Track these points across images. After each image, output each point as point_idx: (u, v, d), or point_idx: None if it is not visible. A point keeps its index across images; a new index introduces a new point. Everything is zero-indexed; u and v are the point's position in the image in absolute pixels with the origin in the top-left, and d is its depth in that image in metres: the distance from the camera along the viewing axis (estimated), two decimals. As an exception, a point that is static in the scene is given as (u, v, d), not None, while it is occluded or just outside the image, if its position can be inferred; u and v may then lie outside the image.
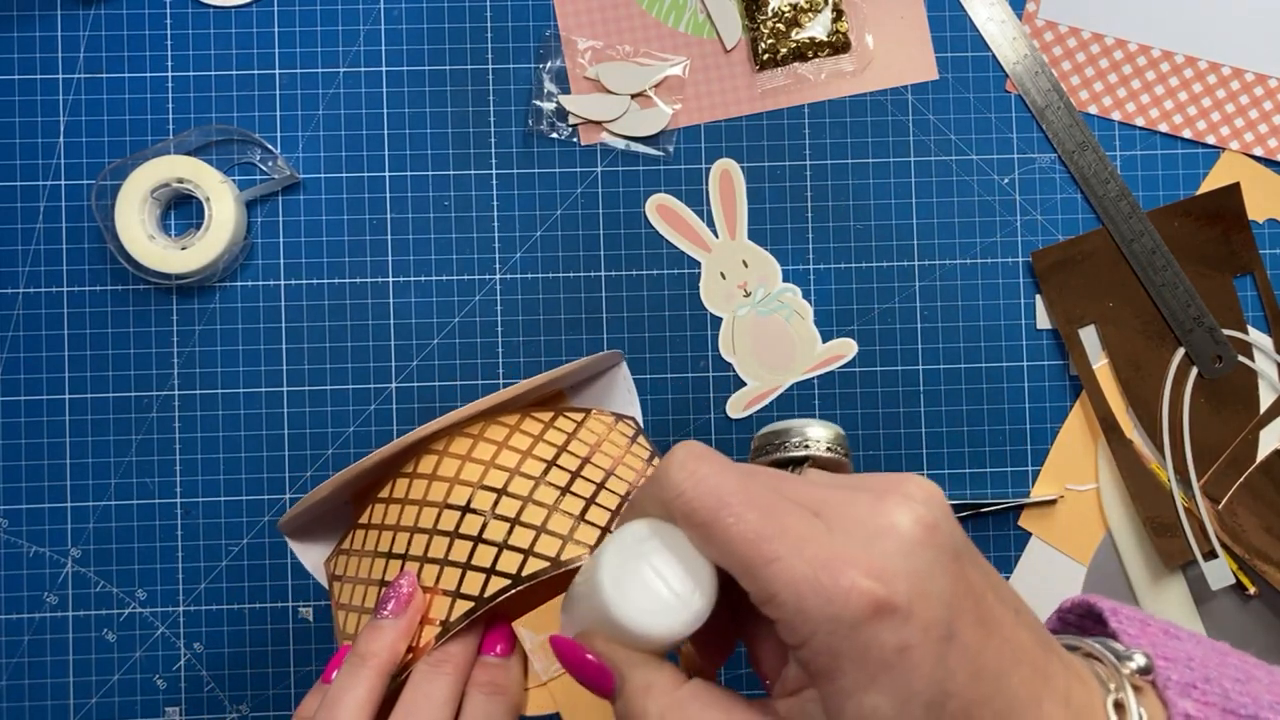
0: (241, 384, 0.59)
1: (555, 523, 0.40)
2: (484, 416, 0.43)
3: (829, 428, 0.34)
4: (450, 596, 0.39)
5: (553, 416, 0.44)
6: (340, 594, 0.43)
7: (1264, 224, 0.61)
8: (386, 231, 0.59)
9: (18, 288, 0.58)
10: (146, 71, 0.59)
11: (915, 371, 0.60)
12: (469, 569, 0.39)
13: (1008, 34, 0.61)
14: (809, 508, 0.28)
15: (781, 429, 0.34)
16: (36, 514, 0.58)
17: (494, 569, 0.39)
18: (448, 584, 0.39)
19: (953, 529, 0.28)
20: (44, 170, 0.59)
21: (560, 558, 0.39)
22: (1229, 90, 0.61)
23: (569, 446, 0.42)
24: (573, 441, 0.43)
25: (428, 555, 0.40)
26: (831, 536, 0.27)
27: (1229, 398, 0.60)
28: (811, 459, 0.33)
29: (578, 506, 0.40)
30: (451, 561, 0.39)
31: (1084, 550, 0.60)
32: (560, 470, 0.41)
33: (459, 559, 0.39)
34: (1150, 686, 0.30)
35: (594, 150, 0.60)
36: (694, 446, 0.30)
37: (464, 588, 0.39)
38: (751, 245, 0.60)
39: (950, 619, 0.26)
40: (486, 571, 0.39)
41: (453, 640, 0.39)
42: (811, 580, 0.26)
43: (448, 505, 0.40)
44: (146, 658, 0.58)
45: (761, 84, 0.60)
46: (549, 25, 0.60)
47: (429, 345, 0.59)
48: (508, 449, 0.42)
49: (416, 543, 0.40)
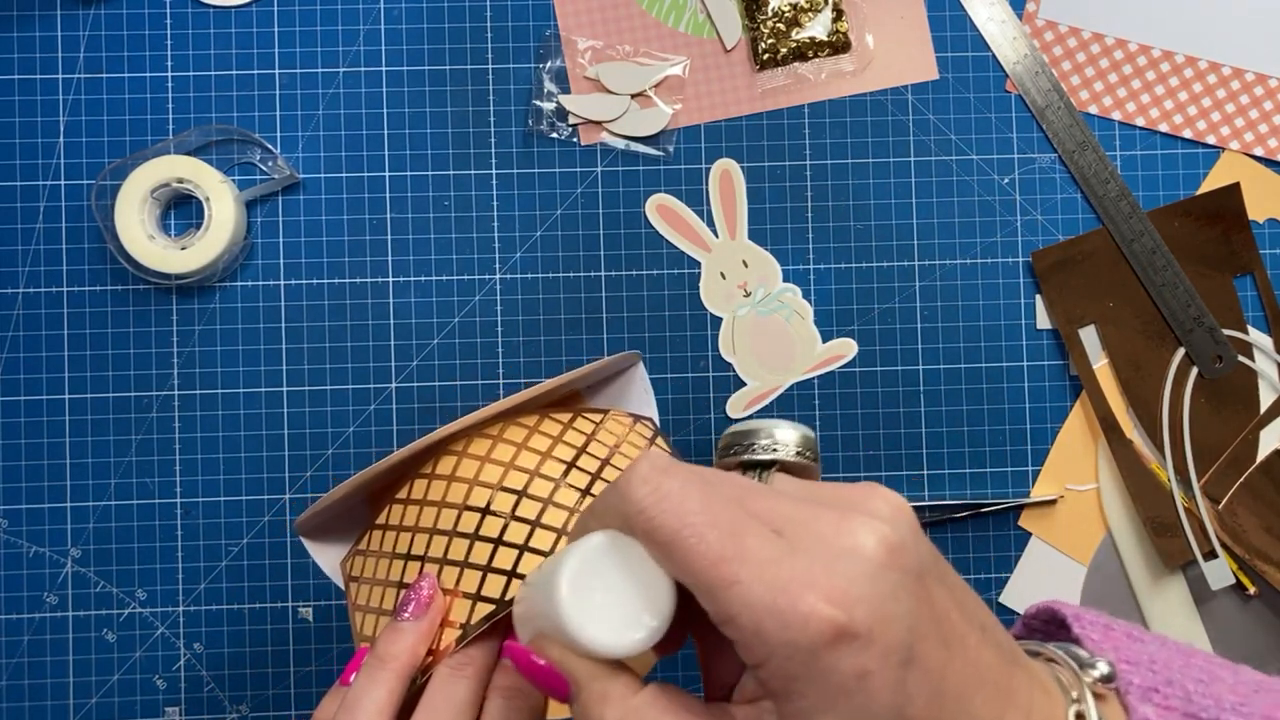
0: (241, 384, 0.59)
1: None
2: (503, 417, 0.43)
3: (798, 429, 0.33)
4: (471, 599, 0.39)
5: (571, 417, 0.44)
6: (357, 595, 0.43)
7: (1264, 224, 0.61)
8: (386, 231, 0.59)
9: (18, 288, 0.58)
10: (146, 71, 0.59)
11: (915, 371, 0.60)
12: (489, 571, 0.39)
13: (1008, 34, 0.61)
14: (773, 524, 0.28)
15: (749, 429, 0.33)
16: (36, 514, 0.58)
17: (514, 572, 0.39)
18: (468, 587, 0.39)
19: (918, 546, 0.28)
20: (44, 170, 0.59)
21: None
22: (1229, 90, 0.61)
23: (588, 448, 0.42)
24: (592, 443, 0.43)
25: (447, 557, 0.40)
26: (794, 558, 0.27)
27: (1229, 398, 0.60)
28: (779, 464, 0.32)
29: None
30: (472, 564, 0.39)
31: (1084, 550, 0.60)
32: (580, 472, 0.41)
33: (479, 561, 0.39)
34: (1114, 693, 0.30)
35: (594, 150, 0.60)
36: (657, 459, 0.29)
37: (485, 590, 0.39)
38: (751, 245, 0.60)
39: (912, 642, 0.26)
40: (507, 574, 0.39)
41: (473, 644, 0.39)
42: (770, 605, 0.26)
43: (467, 507, 0.40)
44: (146, 658, 0.58)
45: (761, 84, 0.60)
46: (549, 25, 0.60)
47: (429, 345, 0.59)
48: (527, 450, 0.42)
49: (436, 544, 0.40)
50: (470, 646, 0.38)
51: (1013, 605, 0.59)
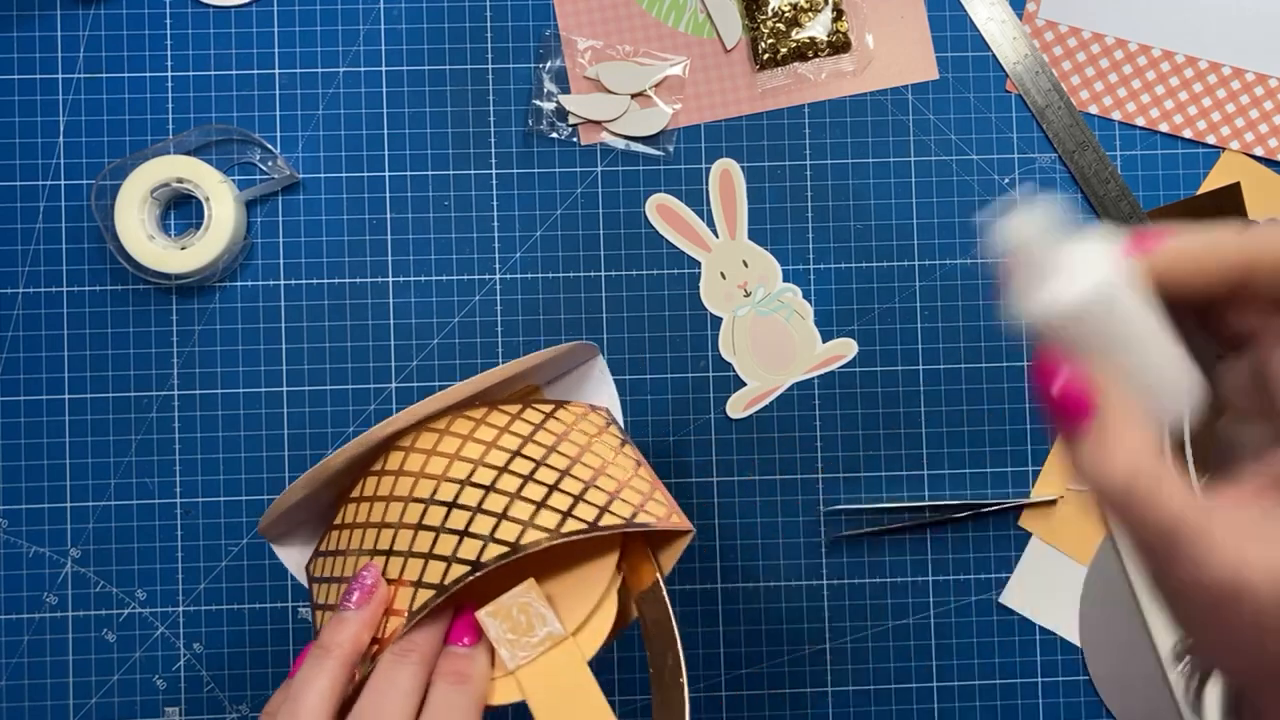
0: (241, 384, 0.59)
1: (516, 509, 0.40)
2: (450, 411, 0.43)
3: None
4: (414, 586, 0.39)
5: (520, 409, 0.44)
6: (319, 595, 0.43)
7: (1264, 224, 0.61)
8: (386, 231, 0.59)
9: (18, 288, 0.58)
10: (146, 71, 0.59)
11: (915, 371, 0.60)
12: (431, 558, 0.39)
13: (1008, 34, 0.61)
14: None
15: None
16: (36, 514, 0.58)
17: (455, 557, 0.39)
18: (411, 575, 0.40)
19: None
20: (44, 170, 0.59)
21: (520, 542, 0.39)
22: (1229, 90, 0.61)
23: (535, 436, 0.43)
24: (539, 432, 0.43)
25: (393, 549, 0.40)
26: None
27: (1229, 398, 0.60)
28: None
29: (540, 493, 0.40)
30: (415, 553, 0.40)
31: (1084, 550, 0.60)
32: (524, 459, 0.41)
33: (423, 549, 0.40)
34: None
35: (594, 150, 0.60)
36: None
37: (426, 577, 0.39)
38: (751, 245, 0.60)
39: None
40: (448, 560, 0.39)
41: (418, 630, 0.39)
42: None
43: (413, 499, 0.41)
44: (146, 658, 0.58)
45: (761, 84, 0.60)
46: (549, 25, 0.60)
47: (429, 345, 0.59)
48: (473, 441, 0.42)
49: (384, 538, 0.41)
50: (415, 632, 0.39)
51: (1013, 605, 0.59)
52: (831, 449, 0.60)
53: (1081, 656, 0.59)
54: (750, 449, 0.59)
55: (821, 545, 0.59)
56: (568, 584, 0.42)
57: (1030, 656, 0.59)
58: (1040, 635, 0.59)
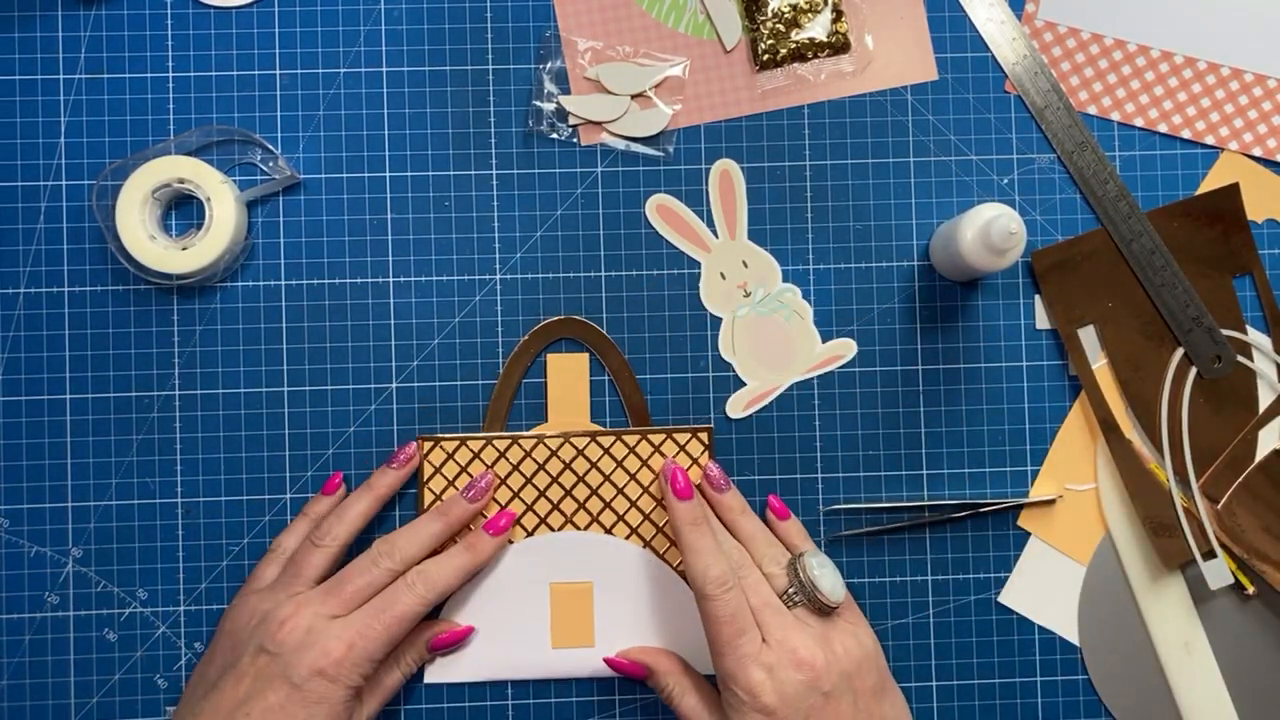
0: (242, 384, 0.59)
1: None
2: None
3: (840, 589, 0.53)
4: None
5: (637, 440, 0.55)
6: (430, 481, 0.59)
7: (1263, 224, 0.61)
8: (386, 231, 0.59)
9: (18, 288, 0.59)
10: (147, 71, 0.59)
11: (915, 371, 0.60)
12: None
13: (1007, 34, 0.61)
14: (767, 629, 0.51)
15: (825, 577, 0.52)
16: (37, 514, 0.58)
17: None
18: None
19: (840, 678, 0.50)
20: (44, 170, 0.59)
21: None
22: (1229, 90, 0.61)
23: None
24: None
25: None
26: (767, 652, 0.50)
27: (1228, 398, 0.60)
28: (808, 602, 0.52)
29: None
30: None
31: (1084, 550, 0.60)
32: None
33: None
34: None
35: (594, 150, 0.60)
36: None
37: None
38: (751, 245, 0.60)
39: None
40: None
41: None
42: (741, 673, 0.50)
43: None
44: (147, 657, 0.58)
45: (761, 84, 0.60)
46: (549, 25, 0.60)
47: (429, 345, 0.59)
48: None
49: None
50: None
51: (1012, 605, 0.59)
52: (831, 449, 0.60)
53: (1081, 656, 0.60)
54: (750, 449, 0.60)
55: (821, 545, 0.59)
56: None
57: (1029, 656, 0.59)
58: (1039, 635, 0.60)
